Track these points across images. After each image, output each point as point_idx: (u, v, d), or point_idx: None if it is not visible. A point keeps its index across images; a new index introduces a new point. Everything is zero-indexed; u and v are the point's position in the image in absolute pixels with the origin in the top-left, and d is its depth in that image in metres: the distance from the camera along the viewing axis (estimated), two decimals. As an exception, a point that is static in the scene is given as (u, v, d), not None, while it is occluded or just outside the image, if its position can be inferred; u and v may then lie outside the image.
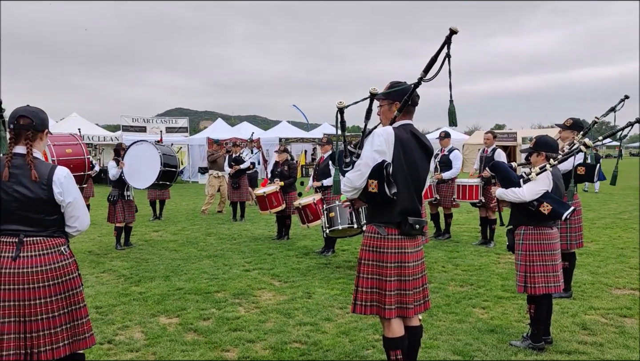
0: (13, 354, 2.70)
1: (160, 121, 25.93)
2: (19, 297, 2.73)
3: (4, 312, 2.71)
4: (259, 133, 26.04)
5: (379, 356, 4.01)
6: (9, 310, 2.71)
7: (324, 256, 7.82)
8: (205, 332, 4.56)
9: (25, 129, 2.83)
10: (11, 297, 2.72)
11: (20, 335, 2.72)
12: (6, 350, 2.69)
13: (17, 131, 2.83)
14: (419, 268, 3.27)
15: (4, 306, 2.71)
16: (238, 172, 11.57)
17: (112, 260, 7.53)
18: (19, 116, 2.84)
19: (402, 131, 3.21)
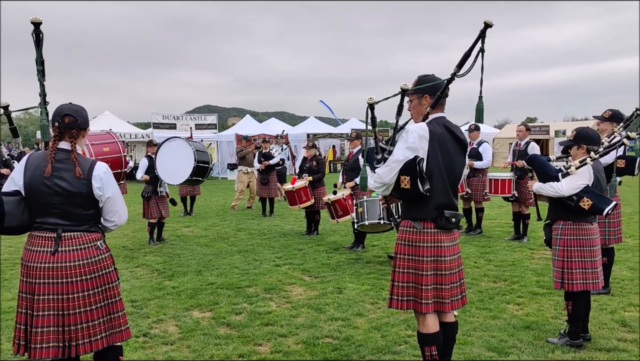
0: (52, 346, 2.76)
1: (189, 118, 26.24)
2: (58, 291, 2.79)
3: (43, 305, 2.77)
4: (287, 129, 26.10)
5: (412, 352, 3.98)
6: (48, 303, 2.78)
7: (354, 251, 7.80)
8: (237, 326, 4.60)
9: (70, 128, 2.89)
10: (50, 291, 2.78)
11: (59, 327, 2.78)
12: (45, 342, 2.75)
13: (61, 129, 2.89)
14: (456, 263, 3.22)
15: (43, 299, 2.77)
16: (267, 169, 11.63)
17: (146, 255, 7.66)
18: (65, 114, 2.90)
19: (436, 126, 3.16)
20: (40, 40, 3.09)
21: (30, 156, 2.95)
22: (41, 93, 3.20)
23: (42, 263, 2.79)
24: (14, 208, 2.80)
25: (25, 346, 2.81)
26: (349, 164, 8.19)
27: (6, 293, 5.69)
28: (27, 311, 2.81)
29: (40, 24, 3.04)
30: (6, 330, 4.50)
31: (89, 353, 2.92)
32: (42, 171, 2.81)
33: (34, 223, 2.88)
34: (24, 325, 2.81)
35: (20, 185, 2.86)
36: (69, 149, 2.87)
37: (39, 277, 2.79)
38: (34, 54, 3.13)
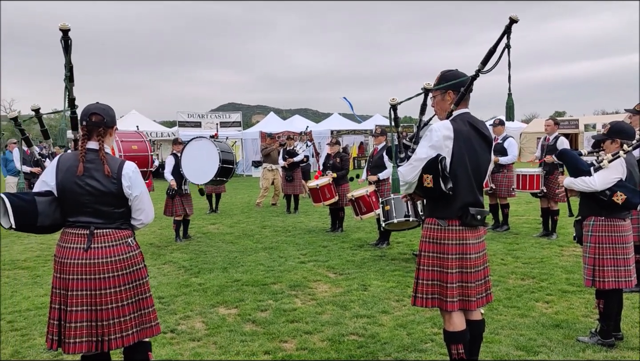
0: (85, 341, 2.83)
1: (214, 116, 26.49)
2: (90, 286, 2.84)
3: (76, 301, 2.83)
4: (311, 126, 26.13)
5: (438, 350, 3.94)
6: (81, 299, 2.84)
7: (379, 248, 7.77)
8: (263, 323, 4.62)
9: (97, 126, 2.95)
10: (83, 286, 2.84)
11: (91, 322, 2.84)
12: (79, 337, 2.82)
13: (89, 127, 2.94)
14: (481, 260, 3.17)
15: (76, 295, 2.84)
16: (292, 165, 11.66)
17: (172, 252, 7.77)
18: (91, 113, 2.96)
19: (460, 124, 3.12)
20: (68, 46, 3.14)
21: (61, 157, 3.02)
22: (68, 97, 3.26)
23: (75, 260, 2.85)
24: (46, 207, 2.87)
25: (59, 341, 2.87)
26: (374, 160, 8.16)
27: (38, 288, 5.84)
28: (61, 307, 2.88)
29: (68, 31, 3.09)
30: (39, 325, 4.61)
31: (120, 348, 2.97)
32: (74, 172, 2.87)
33: (66, 222, 2.94)
34: (58, 321, 2.88)
35: (53, 186, 2.92)
36: (97, 148, 2.92)
37: (72, 273, 2.85)
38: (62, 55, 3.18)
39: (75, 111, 3.29)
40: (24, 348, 4.14)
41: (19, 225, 2.81)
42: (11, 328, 4.58)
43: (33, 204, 2.83)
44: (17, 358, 3.95)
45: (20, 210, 2.79)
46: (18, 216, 2.79)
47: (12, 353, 4.03)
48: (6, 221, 2.81)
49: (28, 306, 5.19)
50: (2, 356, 4.00)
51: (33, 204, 2.83)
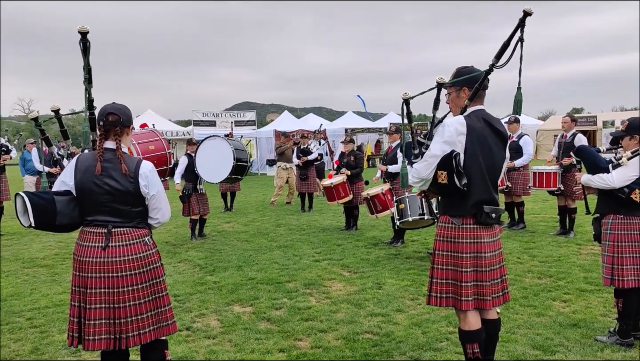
0: (104, 338, 2.86)
1: (229, 115, 26.60)
2: (108, 284, 2.88)
3: (95, 298, 2.87)
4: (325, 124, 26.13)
5: (453, 349, 3.92)
6: (100, 297, 2.87)
7: (394, 246, 7.75)
8: (278, 321, 4.64)
9: (114, 125, 2.98)
10: (101, 284, 2.88)
11: (110, 320, 2.88)
12: (98, 334, 2.85)
13: (106, 127, 2.98)
14: (497, 259, 3.15)
15: (95, 293, 2.87)
16: (306, 164, 11.67)
17: (188, 250, 7.83)
18: (108, 113, 2.99)
19: (474, 119, 3.09)
20: (87, 49, 3.18)
21: (80, 157, 3.06)
22: (87, 99, 3.29)
23: (93, 258, 2.89)
24: (64, 207, 2.91)
25: (79, 338, 2.91)
26: (388, 158, 8.14)
27: (57, 286, 5.92)
28: (81, 305, 2.92)
29: (87, 34, 3.13)
30: (57, 322, 4.68)
31: (138, 346, 3.00)
32: (92, 171, 2.91)
33: (84, 220, 2.98)
34: (77, 318, 2.92)
35: (71, 185, 2.96)
36: (114, 147, 2.96)
37: (91, 271, 2.89)
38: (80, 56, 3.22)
39: (93, 112, 3.34)
40: (43, 344, 4.20)
41: (38, 223, 2.86)
42: (30, 325, 4.66)
43: (52, 203, 2.87)
44: (37, 355, 4.01)
45: (39, 209, 2.83)
46: (37, 215, 2.83)
47: (32, 350, 4.09)
48: (26, 219, 2.85)
49: (47, 303, 5.27)
50: (22, 352, 4.07)
51: (52, 203, 2.87)
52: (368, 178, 9.01)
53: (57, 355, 4.00)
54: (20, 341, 4.28)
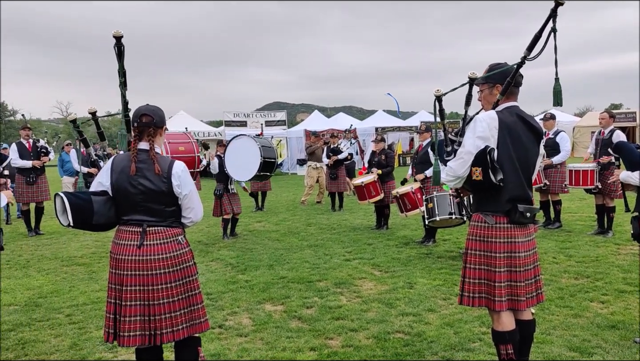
0: (139, 335, 2.93)
1: (259, 115, 26.83)
2: (143, 282, 2.95)
3: (130, 296, 2.94)
4: (355, 123, 26.09)
5: (487, 350, 3.86)
6: (135, 294, 2.94)
7: (425, 245, 7.68)
8: (309, 320, 4.66)
9: (147, 126, 3.05)
10: (136, 282, 2.94)
11: (144, 317, 2.94)
12: (133, 330, 2.92)
13: (140, 128, 3.05)
14: (531, 259, 3.09)
15: (130, 290, 2.94)
16: (336, 163, 11.67)
17: (220, 250, 7.93)
18: (142, 114, 3.06)
19: (506, 115, 3.04)
20: (121, 53, 3.25)
21: (115, 158, 3.14)
22: (122, 103, 3.38)
23: (129, 256, 2.96)
24: (101, 206, 2.99)
25: (115, 334, 2.98)
26: (419, 157, 8.06)
27: (94, 284, 6.08)
28: (116, 301, 2.99)
29: (121, 38, 3.20)
30: (95, 318, 4.81)
31: (171, 342, 3.06)
32: (127, 172, 2.98)
33: (120, 220, 3.05)
34: (114, 314, 2.99)
35: (108, 186, 3.04)
36: (148, 148, 3.02)
37: (126, 269, 2.96)
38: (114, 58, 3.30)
39: (128, 114, 3.42)
40: (82, 340, 4.33)
41: (76, 223, 2.94)
42: (69, 321, 4.80)
43: (89, 203, 2.95)
44: (75, 350, 4.13)
45: (77, 208, 2.92)
46: (75, 214, 2.92)
47: (71, 345, 4.22)
48: (65, 218, 2.94)
49: (85, 300, 5.42)
50: (62, 347, 4.20)
51: (89, 203, 2.95)
52: (399, 177, 8.95)
53: (94, 350, 4.11)
54: (60, 337, 4.42)
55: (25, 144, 9.58)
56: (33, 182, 9.53)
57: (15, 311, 5.15)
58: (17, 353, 4.11)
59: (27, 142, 9.62)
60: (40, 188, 9.64)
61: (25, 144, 9.59)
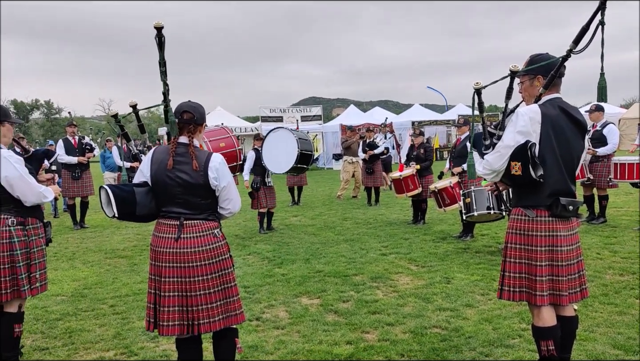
0: (178, 325, 3.00)
1: (295, 110, 26.95)
2: (181, 274, 3.01)
3: (169, 287, 3.01)
4: (391, 117, 25.89)
5: (526, 346, 3.78)
6: (173, 285, 3.01)
7: (463, 240, 7.57)
8: (345, 314, 4.67)
9: (188, 123, 3.11)
10: (174, 274, 3.02)
11: (183, 307, 3.01)
12: (171, 320, 3.00)
13: (181, 124, 3.12)
14: (574, 253, 3.01)
15: (169, 281, 3.02)
16: (372, 158, 11.61)
17: (257, 243, 8.02)
18: (183, 111, 3.13)
19: (549, 108, 2.96)
20: (162, 44, 3.32)
21: (155, 150, 3.21)
22: (164, 92, 3.45)
23: (167, 248, 3.03)
24: (143, 198, 3.07)
25: (155, 323, 3.07)
26: (456, 151, 7.95)
27: (136, 276, 6.26)
28: (156, 292, 3.07)
29: (162, 29, 3.26)
30: (137, 309, 4.95)
31: (209, 333, 3.12)
32: (165, 165, 3.05)
33: (160, 212, 3.13)
34: (153, 304, 3.08)
35: (148, 177, 3.12)
36: (187, 143, 3.09)
37: (165, 261, 3.03)
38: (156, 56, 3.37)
39: (169, 103, 3.49)
40: (124, 330, 4.46)
41: (120, 214, 3.03)
42: (113, 312, 4.95)
43: (132, 195, 3.03)
44: (119, 339, 4.26)
45: (121, 200, 3.01)
46: (120, 205, 3.00)
47: (114, 335, 4.36)
48: (110, 210, 3.03)
49: (127, 292, 5.58)
50: (106, 336, 4.34)
51: (132, 195, 3.03)
52: (437, 172, 8.84)
53: (137, 340, 4.23)
54: (104, 327, 4.57)
55: (71, 141, 9.92)
56: (78, 177, 9.87)
57: (62, 301, 5.36)
58: (64, 341, 4.27)
59: (73, 139, 9.95)
60: (85, 183, 9.97)
61: (71, 140, 9.93)
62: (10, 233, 3.52)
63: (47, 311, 5.00)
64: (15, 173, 3.48)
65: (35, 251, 3.65)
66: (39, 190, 3.60)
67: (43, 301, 5.28)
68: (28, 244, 3.60)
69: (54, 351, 4.09)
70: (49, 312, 4.99)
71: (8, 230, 3.52)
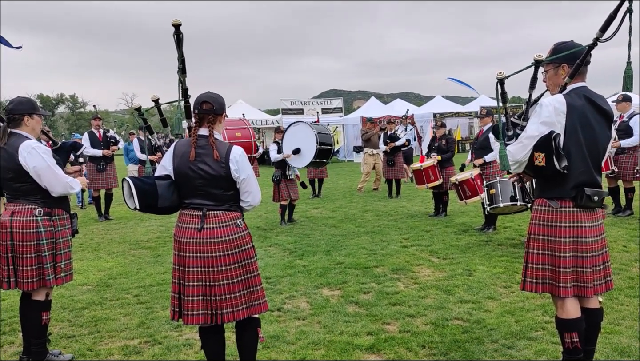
0: (202, 314, 3.05)
1: (316, 103, 26.95)
2: (204, 264, 3.05)
3: (193, 276, 3.06)
4: (412, 109, 25.70)
5: (550, 339, 3.74)
6: (197, 275, 3.05)
7: (485, 233, 7.50)
8: (366, 305, 4.67)
9: (207, 113, 3.13)
10: (198, 263, 3.06)
11: (206, 297, 3.05)
12: (195, 309, 3.04)
13: (200, 115, 3.14)
14: (599, 244, 2.96)
15: (193, 271, 3.06)
16: (393, 150, 11.56)
17: (278, 235, 8.07)
18: (202, 101, 3.15)
19: (574, 97, 2.90)
20: (180, 41, 3.34)
21: (177, 143, 3.25)
22: (181, 89, 3.48)
23: (190, 239, 3.07)
24: (165, 190, 3.11)
25: (180, 312, 3.12)
26: (479, 142, 7.86)
27: (159, 266, 6.35)
28: (180, 282, 3.12)
29: (179, 26, 3.29)
30: (160, 299, 5.03)
31: (232, 322, 3.16)
32: (187, 157, 3.08)
33: (183, 203, 3.17)
34: (178, 294, 3.12)
35: (170, 170, 3.16)
36: (207, 134, 3.11)
37: (188, 251, 3.07)
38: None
39: (188, 100, 3.52)
40: (149, 319, 4.54)
41: (142, 206, 3.08)
42: (137, 301, 5.04)
43: (154, 187, 3.07)
44: (143, 328, 4.34)
45: (143, 192, 3.05)
46: (141, 198, 3.05)
47: (139, 324, 4.44)
48: (132, 202, 3.08)
49: (151, 282, 5.68)
50: (131, 325, 4.43)
51: (154, 187, 3.07)
52: (459, 164, 8.76)
53: (160, 329, 4.30)
54: (129, 316, 4.66)
55: (96, 134, 10.09)
56: (103, 170, 10.04)
57: (88, 290, 5.48)
58: (90, 330, 4.37)
59: (98, 132, 10.12)
60: (110, 176, 10.14)
61: (96, 133, 10.09)
62: (37, 223, 3.60)
63: (73, 300, 5.12)
64: (43, 164, 3.56)
65: (61, 242, 3.73)
66: (65, 181, 3.68)
67: (69, 290, 5.40)
68: (54, 234, 3.68)
69: (80, 338, 4.18)
70: (75, 301, 5.10)
71: (35, 220, 3.60)
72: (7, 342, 4.17)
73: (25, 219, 3.59)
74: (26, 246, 3.58)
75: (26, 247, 3.58)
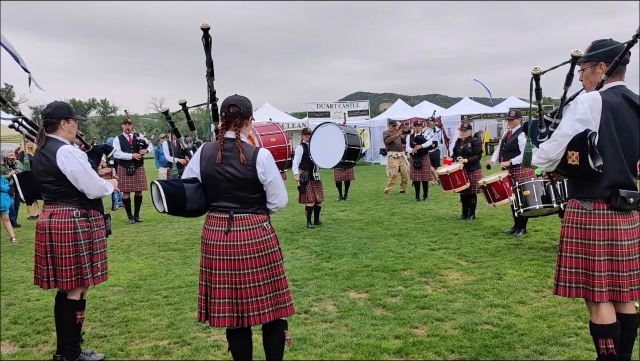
0: (228, 316, 3.06)
1: (342, 105, 26.93)
2: (230, 266, 3.07)
3: (220, 279, 3.07)
4: (440, 111, 25.46)
5: (583, 345, 3.65)
6: (223, 278, 3.07)
7: (515, 236, 7.37)
8: (393, 308, 4.64)
9: (234, 117, 3.15)
10: (224, 266, 3.07)
11: (233, 300, 3.07)
12: (222, 312, 3.06)
13: (227, 118, 3.16)
14: (636, 248, 2.87)
15: (219, 273, 3.08)
16: (420, 152, 11.47)
17: (304, 238, 8.08)
18: (229, 105, 3.17)
19: (611, 95, 2.83)
20: (209, 44, 3.38)
21: (204, 146, 3.28)
22: (209, 92, 3.52)
23: (217, 241, 3.09)
24: (193, 193, 3.14)
25: (206, 314, 3.14)
26: (507, 144, 7.73)
27: (188, 268, 6.43)
28: (207, 284, 3.14)
29: (208, 29, 3.32)
30: (189, 301, 5.09)
31: (259, 325, 3.17)
32: (214, 160, 3.11)
33: (210, 206, 3.19)
34: (205, 296, 3.15)
35: (197, 173, 3.19)
36: (234, 137, 3.13)
37: (215, 253, 3.09)
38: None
39: (216, 103, 3.56)
40: (177, 320, 4.60)
41: (170, 208, 3.11)
42: (166, 303, 5.11)
43: (182, 190, 3.11)
44: (172, 329, 4.39)
45: (171, 195, 3.09)
46: (170, 201, 3.08)
47: (168, 325, 4.49)
48: (160, 205, 3.12)
49: (180, 283, 5.75)
50: (160, 326, 4.49)
51: (182, 190, 3.11)
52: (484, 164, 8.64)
53: (189, 330, 4.35)
54: (159, 317, 4.72)
55: (127, 138, 10.29)
56: (132, 173, 10.23)
57: (119, 291, 5.57)
58: (121, 330, 4.44)
59: (128, 136, 10.32)
60: (139, 179, 10.33)
61: (127, 137, 10.30)
62: (75, 224, 3.70)
63: (105, 301, 5.22)
64: (80, 168, 3.66)
65: (97, 242, 3.82)
66: (101, 184, 3.78)
67: (101, 291, 5.51)
68: (91, 235, 3.78)
69: (111, 338, 4.26)
70: (106, 302, 5.20)
71: (73, 221, 3.70)
72: (41, 341, 4.27)
73: (64, 220, 3.69)
74: (65, 246, 3.69)
75: (65, 247, 3.69)
